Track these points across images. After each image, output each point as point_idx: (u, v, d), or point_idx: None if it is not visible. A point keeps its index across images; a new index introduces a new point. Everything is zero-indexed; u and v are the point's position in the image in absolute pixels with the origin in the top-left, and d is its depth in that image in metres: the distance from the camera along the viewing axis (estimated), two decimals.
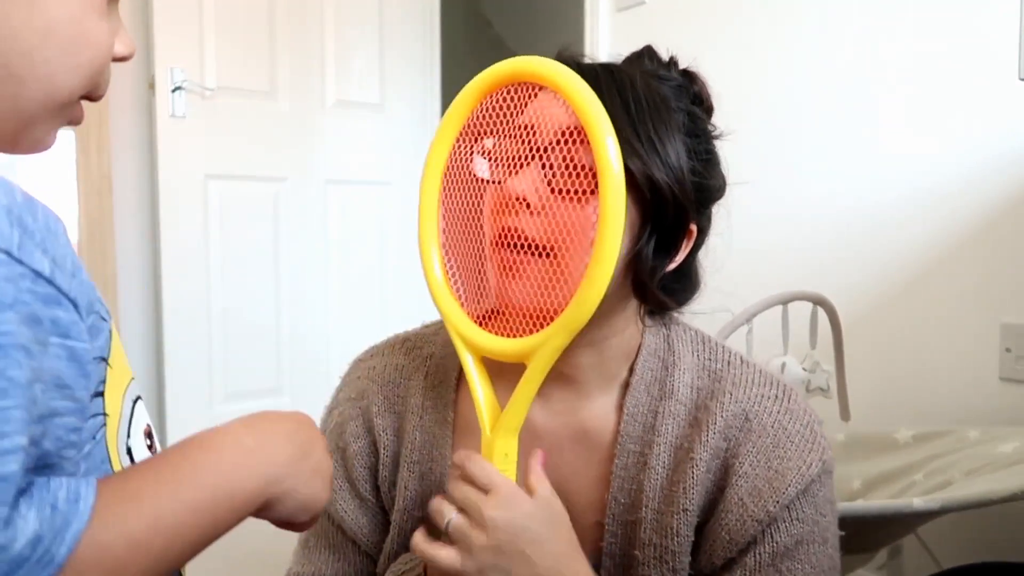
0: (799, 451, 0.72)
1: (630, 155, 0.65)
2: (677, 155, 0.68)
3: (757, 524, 0.70)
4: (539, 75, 0.64)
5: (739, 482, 0.71)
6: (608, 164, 0.60)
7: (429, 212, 0.71)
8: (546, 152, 0.65)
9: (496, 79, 0.67)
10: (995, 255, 1.63)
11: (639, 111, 0.67)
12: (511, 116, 0.66)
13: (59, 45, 0.43)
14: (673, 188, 0.67)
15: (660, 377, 0.75)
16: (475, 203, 0.68)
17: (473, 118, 0.69)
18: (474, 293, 0.69)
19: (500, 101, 0.67)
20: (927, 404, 1.71)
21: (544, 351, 0.63)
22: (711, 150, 0.74)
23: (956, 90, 1.67)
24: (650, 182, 0.66)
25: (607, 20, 2.36)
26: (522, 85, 0.66)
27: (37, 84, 0.43)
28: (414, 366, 0.81)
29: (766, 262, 1.91)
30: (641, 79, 0.70)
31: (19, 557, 0.35)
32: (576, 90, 0.62)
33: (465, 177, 0.69)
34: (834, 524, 0.75)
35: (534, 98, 0.65)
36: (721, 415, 0.73)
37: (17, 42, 0.42)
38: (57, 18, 0.43)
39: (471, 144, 0.69)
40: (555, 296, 0.64)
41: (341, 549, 0.83)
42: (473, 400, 0.68)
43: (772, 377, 0.76)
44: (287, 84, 2.63)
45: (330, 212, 2.76)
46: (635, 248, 0.68)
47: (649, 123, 0.67)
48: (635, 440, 0.74)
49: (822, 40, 1.90)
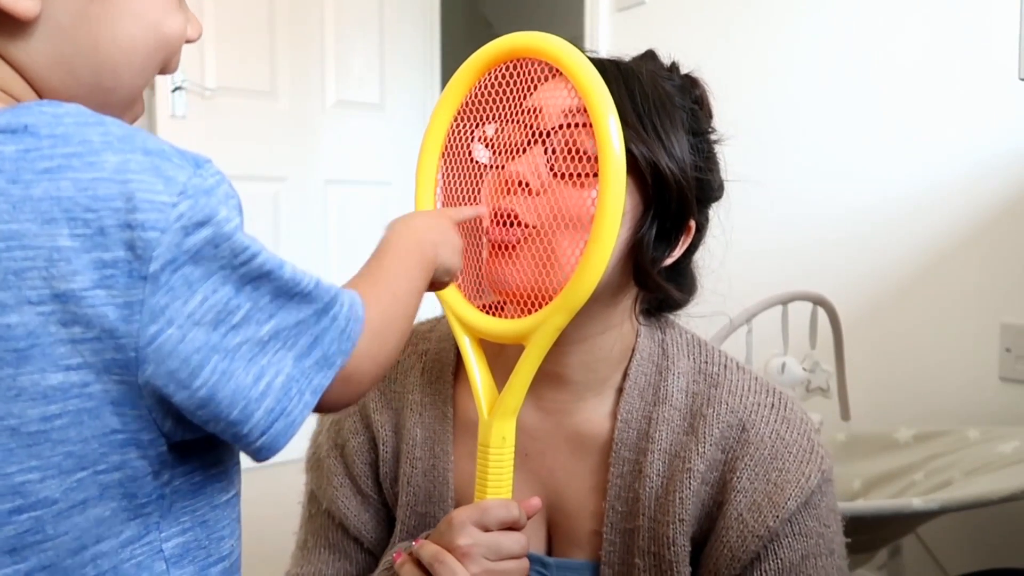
0: (797, 463, 0.71)
1: (635, 140, 0.65)
2: (680, 147, 0.68)
3: (758, 540, 0.69)
4: (540, 50, 0.63)
5: (738, 497, 0.70)
6: (609, 140, 0.60)
7: (425, 193, 0.71)
8: (549, 136, 0.65)
9: (495, 56, 0.66)
10: (995, 255, 1.63)
11: (644, 101, 0.67)
12: (512, 94, 0.66)
13: (142, 54, 0.49)
14: (677, 176, 0.67)
15: (654, 382, 0.75)
16: (476, 187, 0.68)
17: (472, 96, 0.68)
18: (474, 283, 0.69)
19: (500, 78, 0.66)
20: (927, 404, 1.71)
21: (543, 331, 0.63)
22: (712, 150, 0.74)
23: (956, 90, 1.67)
24: (654, 168, 0.66)
25: (607, 20, 2.36)
26: (522, 61, 0.65)
27: (121, 89, 0.50)
28: (410, 362, 0.81)
29: (766, 262, 1.91)
30: (647, 74, 0.70)
31: (355, 315, 0.50)
32: (578, 65, 0.61)
33: (466, 160, 0.69)
34: (839, 534, 0.74)
35: (538, 77, 0.65)
36: (717, 425, 0.72)
37: (106, 63, 0.48)
38: (137, 34, 0.48)
39: (471, 124, 0.69)
40: (548, 279, 0.64)
41: (342, 548, 0.82)
42: (472, 389, 0.68)
43: (768, 384, 0.75)
44: (287, 84, 2.63)
45: (330, 212, 2.76)
46: (637, 235, 0.68)
47: (655, 113, 0.67)
48: (630, 447, 0.73)
49: (821, 40, 1.90)
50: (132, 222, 0.41)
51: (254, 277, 0.45)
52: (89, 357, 0.42)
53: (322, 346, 0.48)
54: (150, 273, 0.42)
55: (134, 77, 0.49)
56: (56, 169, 0.41)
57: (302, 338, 0.47)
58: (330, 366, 0.49)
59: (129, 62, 0.48)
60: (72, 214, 0.41)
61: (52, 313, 0.41)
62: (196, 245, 0.43)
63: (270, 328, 0.46)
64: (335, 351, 0.49)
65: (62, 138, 0.42)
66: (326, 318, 0.48)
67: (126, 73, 0.49)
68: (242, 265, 0.45)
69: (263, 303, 0.46)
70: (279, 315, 0.46)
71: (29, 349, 0.41)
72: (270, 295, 0.46)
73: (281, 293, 0.46)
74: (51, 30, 0.46)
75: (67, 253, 0.41)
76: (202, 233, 0.43)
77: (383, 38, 2.82)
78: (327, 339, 0.48)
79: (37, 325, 0.41)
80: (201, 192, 0.43)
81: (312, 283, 0.48)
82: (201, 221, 0.43)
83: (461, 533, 0.62)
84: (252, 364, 0.45)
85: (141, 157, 0.42)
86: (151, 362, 0.43)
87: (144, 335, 0.42)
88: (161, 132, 2.38)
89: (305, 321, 0.47)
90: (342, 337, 0.49)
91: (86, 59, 0.47)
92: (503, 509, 0.64)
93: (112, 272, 0.41)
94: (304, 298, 0.48)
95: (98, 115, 0.44)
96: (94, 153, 0.42)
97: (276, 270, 0.46)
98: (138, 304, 0.42)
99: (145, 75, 0.50)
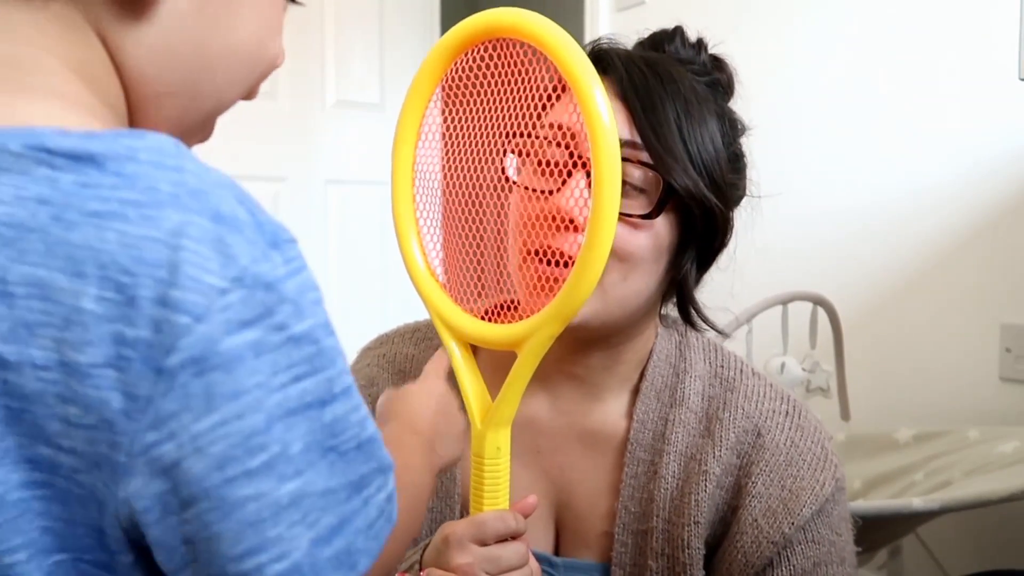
0: (812, 470, 0.71)
1: (680, 174, 0.65)
2: (722, 169, 0.68)
3: (772, 546, 0.69)
4: (518, 29, 0.57)
5: (753, 503, 0.70)
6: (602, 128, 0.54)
7: (404, 193, 0.66)
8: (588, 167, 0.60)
9: (469, 36, 0.60)
10: (995, 255, 1.63)
11: (690, 125, 0.66)
12: (490, 78, 0.61)
13: (240, 62, 0.45)
14: (721, 209, 0.68)
15: (671, 384, 0.75)
16: (474, 188, 0.65)
17: (447, 81, 0.63)
18: (474, 288, 0.66)
19: (476, 61, 0.60)
20: (927, 404, 1.71)
21: (536, 339, 0.59)
22: (741, 158, 0.74)
23: (956, 90, 1.67)
24: (702, 205, 0.66)
25: (607, 20, 2.36)
26: (500, 42, 0.60)
27: (210, 98, 0.45)
28: (424, 357, 0.80)
29: (766, 262, 1.91)
30: (688, 85, 0.68)
31: (389, 511, 0.40)
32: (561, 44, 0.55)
33: (459, 158, 0.65)
34: (850, 542, 0.74)
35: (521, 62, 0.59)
36: (733, 429, 0.72)
37: (206, 59, 0.43)
38: (244, 39, 0.44)
39: (453, 111, 0.65)
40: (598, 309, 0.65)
41: None
42: (463, 397, 0.65)
43: (783, 391, 0.75)
44: (287, 84, 2.63)
45: (330, 212, 2.76)
46: (679, 268, 0.69)
47: (699, 136, 0.67)
48: (645, 448, 0.73)
49: (821, 41, 1.90)
50: (168, 299, 0.33)
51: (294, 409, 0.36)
52: (81, 446, 0.34)
53: (346, 535, 0.37)
54: (167, 367, 0.33)
55: (230, 85, 0.45)
56: (107, 215, 0.34)
57: (327, 516, 0.37)
58: (351, 567, 0.37)
59: (229, 67, 0.44)
60: (106, 272, 0.33)
61: (54, 383, 0.34)
62: (236, 349, 0.34)
63: (293, 488, 0.35)
64: (360, 548, 0.38)
65: (128, 179, 0.35)
66: (358, 498, 0.38)
67: (223, 78, 0.44)
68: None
69: (295, 451, 0.36)
70: (308, 473, 0.36)
71: (20, 414, 0.34)
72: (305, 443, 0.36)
73: (318, 444, 0.36)
74: (167, 17, 0.41)
75: (86, 318, 0.33)
76: (249, 335, 0.34)
77: (383, 38, 2.82)
78: (354, 526, 0.37)
79: (33, 391, 0.34)
80: (261, 284, 0.35)
81: (366, 435, 0.39)
82: (250, 320, 0.34)
83: (459, 551, 0.60)
84: (254, 531, 0.35)
85: (207, 222, 0.35)
86: (139, 475, 0.34)
87: (139, 441, 0.34)
88: None
89: (335, 492, 0.37)
90: (369, 533, 0.38)
91: (192, 53, 0.42)
92: (500, 522, 0.62)
93: (130, 353, 0.33)
94: (342, 458, 0.37)
95: (182, 157, 0.37)
96: (156, 205, 0.34)
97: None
98: (144, 401, 0.34)
99: (239, 87, 0.46)
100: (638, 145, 0.66)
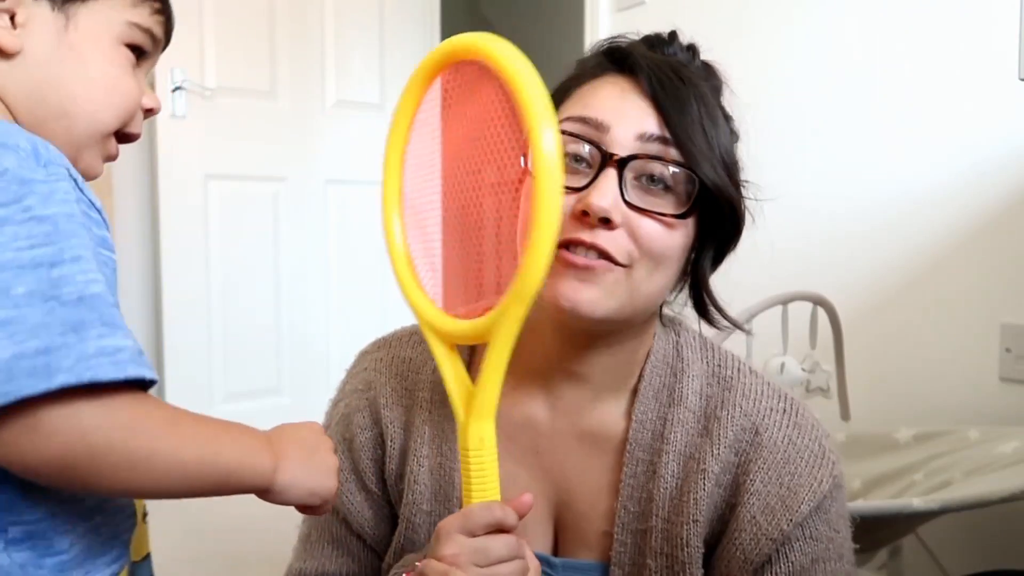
0: (810, 467, 0.72)
1: (709, 169, 0.67)
2: (735, 167, 0.72)
3: (771, 543, 0.70)
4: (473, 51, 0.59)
5: (751, 500, 0.71)
6: (539, 142, 0.52)
7: (392, 201, 0.67)
8: (622, 164, 0.66)
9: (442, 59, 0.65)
10: (995, 255, 1.63)
11: (713, 125, 0.69)
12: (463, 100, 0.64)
13: (99, 90, 0.60)
14: (739, 204, 0.71)
15: (669, 384, 0.75)
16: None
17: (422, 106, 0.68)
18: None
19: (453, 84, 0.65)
20: (927, 404, 1.71)
21: (503, 325, 0.58)
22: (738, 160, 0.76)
23: (956, 90, 1.67)
24: (731, 203, 0.69)
25: (607, 20, 2.37)
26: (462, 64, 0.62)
27: (83, 120, 0.59)
28: (422, 360, 0.80)
29: (766, 262, 1.91)
30: (703, 85, 0.71)
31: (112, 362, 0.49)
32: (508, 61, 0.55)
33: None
34: (848, 539, 0.75)
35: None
36: (731, 428, 0.72)
37: (69, 90, 0.58)
38: (98, 72, 0.59)
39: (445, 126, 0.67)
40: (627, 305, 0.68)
41: (345, 544, 0.82)
42: (448, 394, 0.64)
43: (779, 389, 0.76)
44: (287, 84, 2.63)
45: (330, 212, 2.76)
46: (697, 262, 0.72)
47: (719, 134, 0.70)
48: (644, 448, 0.74)
49: (821, 41, 1.90)
50: None
51: None
52: None
53: (49, 356, 0.47)
54: None
55: (93, 108, 0.59)
56: None
57: (33, 340, 0.47)
58: (47, 378, 0.46)
59: (91, 98, 0.59)
60: None
61: None
62: None
63: (3, 315, 0.47)
64: (63, 367, 0.47)
65: None
66: (73, 336, 0.48)
67: (89, 107, 0.59)
68: None
69: (18, 293, 0.48)
70: (24, 309, 0.48)
71: None
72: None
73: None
74: (31, 61, 0.57)
75: None
76: (1, 212, 0.49)
77: (383, 38, 2.82)
78: (61, 353, 0.47)
79: None
80: (16, 180, 0.50)
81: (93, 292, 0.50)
82: (3, 202, 0.49)
83: (447, 542, 0.60)
84: None
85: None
86: None
87: None
88: (161, 132, 2.38)
89: (48, 327, 0.47)
90: (83, 362, 0.47)
91: (55, 88, 0.58)
92: (487, 512, 0.61)
93: None
94: (63, 306, 0.49)
95: (9, 131, 0.52)
96: None
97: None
98: None
99: (108, 115, 0.60)
100: (668, 141, 0.68)
